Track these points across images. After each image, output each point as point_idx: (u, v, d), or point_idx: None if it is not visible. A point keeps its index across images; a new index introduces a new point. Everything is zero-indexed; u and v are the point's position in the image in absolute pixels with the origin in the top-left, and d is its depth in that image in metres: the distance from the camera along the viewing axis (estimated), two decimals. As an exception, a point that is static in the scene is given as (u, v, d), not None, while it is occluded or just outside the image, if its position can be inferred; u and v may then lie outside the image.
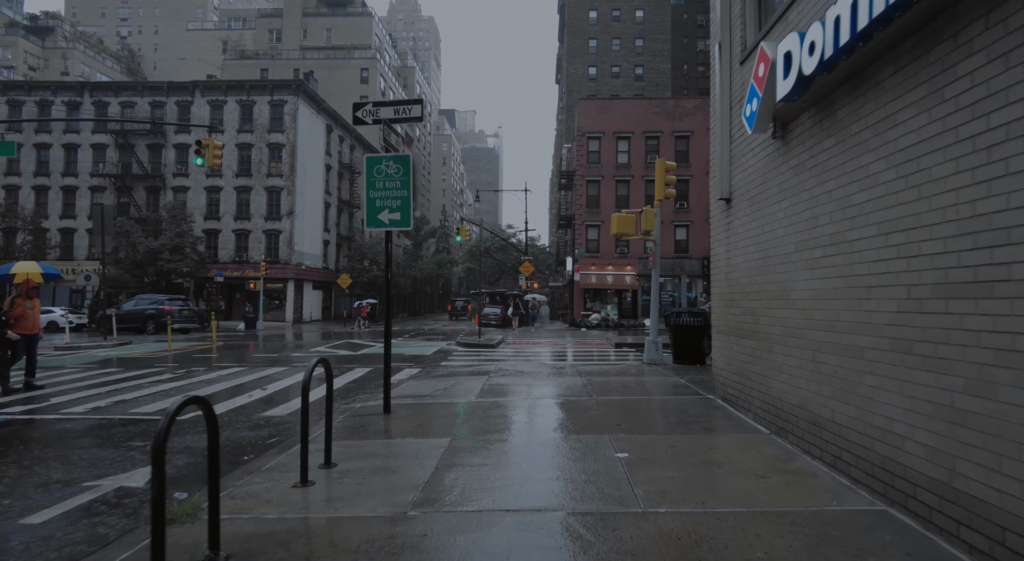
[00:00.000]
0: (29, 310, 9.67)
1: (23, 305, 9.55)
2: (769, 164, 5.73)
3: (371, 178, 7.30)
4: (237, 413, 7.77)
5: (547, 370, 10.92)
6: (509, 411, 7.05)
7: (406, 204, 7.16)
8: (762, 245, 5.91)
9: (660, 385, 8.91)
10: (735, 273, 6.78)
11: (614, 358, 14.30)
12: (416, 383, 9.53)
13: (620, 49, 61.35)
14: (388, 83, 63.94)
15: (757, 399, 6.02)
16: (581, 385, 8.94)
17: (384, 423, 6.57)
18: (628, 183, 38.07)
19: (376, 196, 7.27)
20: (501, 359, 13.93)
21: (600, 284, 37.96)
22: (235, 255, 39.76)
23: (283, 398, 8.91)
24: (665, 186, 11.47)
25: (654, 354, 11.45)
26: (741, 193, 6.56)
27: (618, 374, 10.23)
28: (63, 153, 40.25)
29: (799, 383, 5.03)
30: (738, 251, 6.66)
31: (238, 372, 11.85)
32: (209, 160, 17.68)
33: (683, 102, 39.42)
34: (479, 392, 8.38)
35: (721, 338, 7.31)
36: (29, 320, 9.66)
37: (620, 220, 11.33)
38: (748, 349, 6.30)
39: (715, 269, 7.65)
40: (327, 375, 5.02)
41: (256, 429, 6.86)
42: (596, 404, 7.38)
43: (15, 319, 9.44)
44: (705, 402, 7.37)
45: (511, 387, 8.84)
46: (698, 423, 6.19)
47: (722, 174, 7.03)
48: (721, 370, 7.34)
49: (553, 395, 8.13)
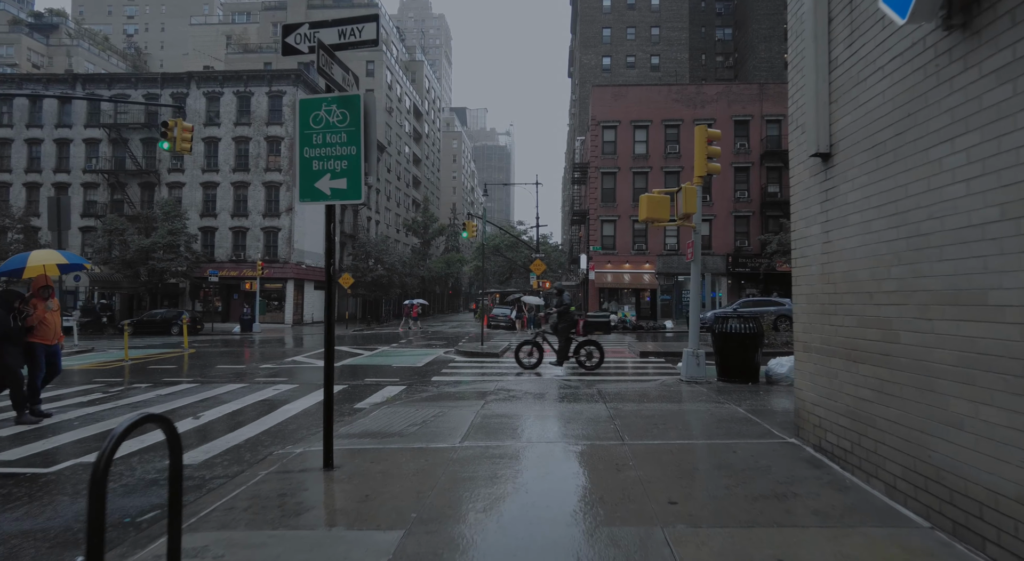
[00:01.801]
0: (50, 313, 7.51)
1: (43, 307, 7.41)
2: (928, 82, 3.45)
3: (306, 130, 5.12)
4: (139, 458, 5.64)
5: (560, 391, 8.67)
6: (505, 468, 4.82)
7: (355, 166, 4.97)
8: (906, 216, 3.64)
9: (713, 418, 6.63)
10: (842, 263, 4.50)
11: (642, 372, 12.02)
12: (389, 411, 7.34)
13: (635, 38, 58.86)
14: (395, 76, 61.97)
15: (894, 463, 3.75)
16: (606, 417, 6.68)
17: (316, 490, 4.39)
18: (646, 175, 35.66)
19: (313, 156, 5.09)
20: (504, 373, 11.70)
21: (616, 283, 35.61)
22: (232, 254, 37.96)
23: (215, 432, 6.77)
24: (707, 159, 9.17)
25: (695, 369, 9.15)
26: (857, 140, 4.27)
27: (653, 399, 7.94)
28: (55, 148, 38.70)
29: (1012, 456, 2.77)
30: (849, 229, 4.38)
31: (185, 390, 9.76)
32: (177, 145, 15.71)
33: (704, 88, 36.94)
34: (467, 430, 6.16)
35: (813, 358, 5.03)
36: (51, 326, 7.51)
37: (651, 202, 9.04)
38: (873, 381, 4.02)
39: (800, 258, 5.36)
40: (171, 450, 2.81)
41: (144, 490, 4.72)
42: (631, 454, 5.13)
43: (35, 325, 7.32)
44: (789, 452, 5.08)
45: (511, 421, 6.61)
46: (798, 499, 3.92)
47: (817, 117, 4.74)
48: (812, 405, 5.06)
49: (568, 436, 5.89)
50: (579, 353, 11.79)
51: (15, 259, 8.13)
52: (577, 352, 11.80)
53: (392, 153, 60.17)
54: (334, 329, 5.03)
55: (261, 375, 11.67)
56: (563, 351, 11.75)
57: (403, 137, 65.52)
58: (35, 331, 7.36)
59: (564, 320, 11.77)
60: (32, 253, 8.08)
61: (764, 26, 61.20)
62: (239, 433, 6.73)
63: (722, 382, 9.25)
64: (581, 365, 11.75)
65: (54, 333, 7.61)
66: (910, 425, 3.58)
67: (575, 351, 11.80)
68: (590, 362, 11.69)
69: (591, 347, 11.75)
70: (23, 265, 7.90)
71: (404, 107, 66.12)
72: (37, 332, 7.38)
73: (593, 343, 11.77)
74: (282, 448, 5.94)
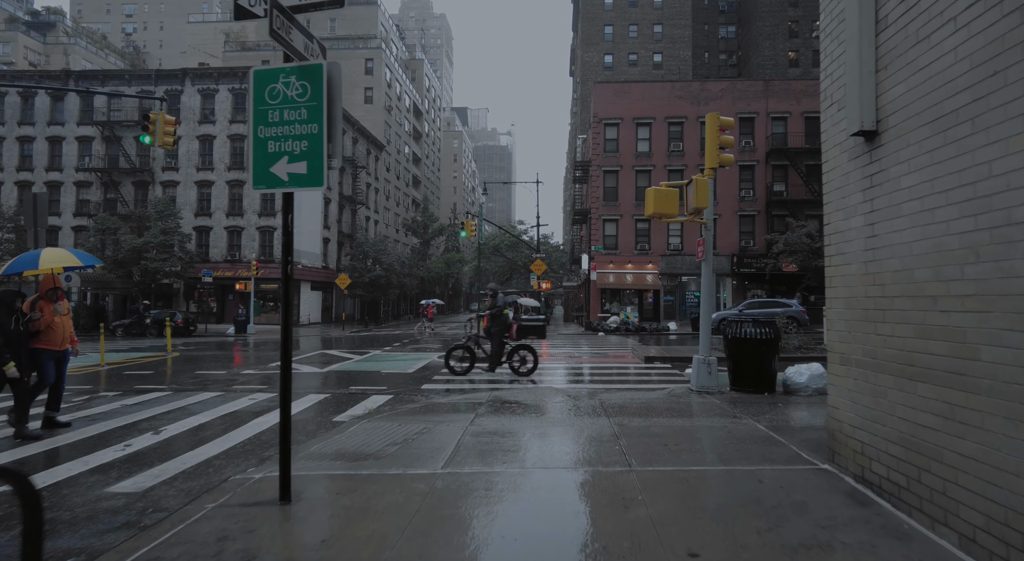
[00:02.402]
0: (60, 317, 6.84)
1: (51, 310, 6.74)
2: (1021, 27, 2.70)
3: (261, 106, 4.39)
4: (78, 482, 4.92)
5: (559, 403, 7.93)
6: (491, 503, 4.09)
7: (316, 147, 4.24)
8: (990, 201, 2.90)
9: (731, 436, 5.88)
10: (893, 260, 3.76)
11: (647, 380, 11.27)
12: (369, 426, 6.61)
13: (637, 35, 58.15)
14: (395, 74, 61.29)
15: (973, 509, 3.00)
16: (610, 435, 5.93)
17: (266, 531, 3.66)
18: (649, 173, 34.90)
19: (269, 135, 4.36)
20: (499, 381, 10.97)
21: (618, 284, 34.86)
22: (227, 253, 37.27)
23: (172, 450, 6.04)
24: (719, 149, 8.43)
25: (706, 378, 8.40)
26: (916, 112, 3.53)
27: (661, 413, 7.20)
28: (47, 147, 38.04)
29: None
30: (904, 220, 3.64)
31: (155, 399, 9.04)
32: (159, 139, 14.98)
33: (708, 85, 36.19)
34: (452, 452, 5.42)
35: (853, 373, 4.28)
36: (59, 331, 6.84)
37: (659, 196, 8.29)
38: (939, 405, 3.28)
39: (835, 256, 4.62)
40: (23, 519, 2.06)
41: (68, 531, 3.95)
42: (640, 483, 4.39)
43: (41, 329, 6.64)
44: (825, 482, 4.33)
45: (503, 441, 5.86)
46: (849, 551, 3.18)
47: (861, 89, 4.00)
48: (852, 427, 4.31)
49: (568, 460, 5.15)
50: (512, 358, 11.26)
51: (24, 259, 7.35)
52: (510, 357, 11.27)
53: (391, 152, 59.50)
54: (291, 338, 4.29)
55: (241, 382, 10.94)
56: (495, 356, 11.25)
57: (402, 136, 64.83)
58: (41, 336, 6.68)
59: (497, 323, 11.24)
60: (43, 252, 7.31)
61: (768, 23, 60.42)
62: (199, 452, 6.01)
63: (735, 392, 8.51)
64: (514, 371, 11.23)
65: (63, 338, 6.92)
66: (997, 464, 2.84)
67: (508, 356, 11.27)
68: (523, 368, 11.20)
69: (525, 352, 11.28)
70: (35, 266, 7.15)
71: (404, 105, 65.44)
72: (44, 337, 6.70)
73: (527, 348, 11.30)
74: (242, 472, 5.22)
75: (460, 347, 11.40)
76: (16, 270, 7.28)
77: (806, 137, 34.52)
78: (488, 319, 11.32)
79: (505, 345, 11.35)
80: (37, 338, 6.67)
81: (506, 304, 11.44)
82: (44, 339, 6.72)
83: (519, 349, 11.30)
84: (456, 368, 11.27)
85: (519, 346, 11.31)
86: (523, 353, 11.31)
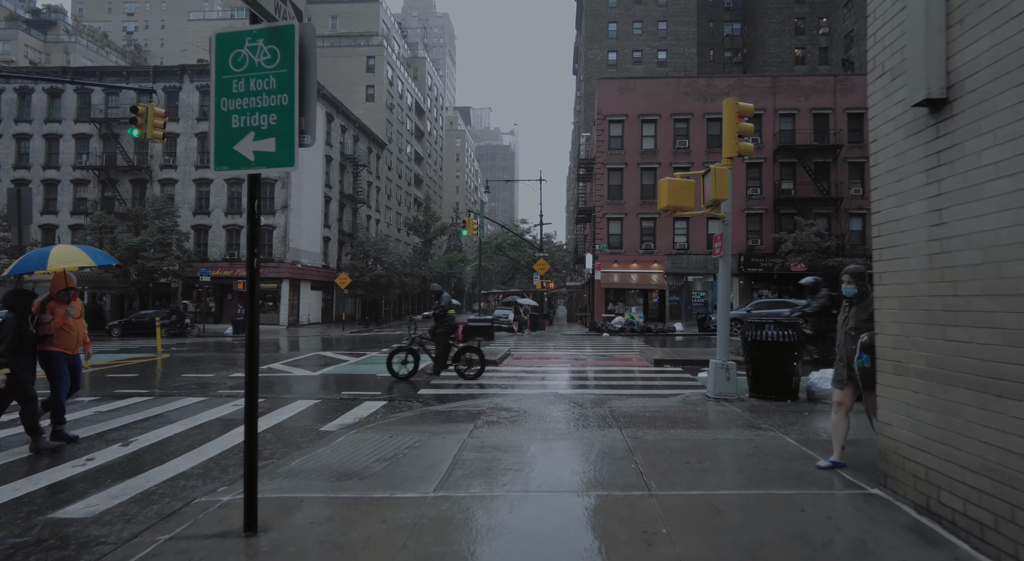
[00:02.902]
0: (72, 319, 6.31)
1: (63, 312, 6.22)
2: None
3: (224, 75, 3.79)
4: (21, 506, 4.33)
5: (565, 411, 7.32)
6: (489, 540, 3.47)
7: (286, 122, 3.65)
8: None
9: (760, 453, 5.25)
10: (970, 253, 3.14)
11: (658, 385, 10.64)
12: (358, 438, 6.00)
13: (642, 33, 57.52)
14: (396, 72, 60.73)
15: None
16: (624, 451, 5.32)
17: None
18: (654, 171, 34.25)
19: (233, 109, 3.76)
20: (501, 386, 10.36)
21: (623, 283, 34.21)
22: (226, 252, 36.73)
23: (138, 465, 5.45)
24: (738, 137, 7.80)
25: (724, 384, 7.77)
26: (1005, 70, 2.91)
27: (678, 423, 6.57)
28: (44, 144, 37.53)
29: None
30: (986, 204, 3.03)
31: (132, 406, 8.45)
32: (148, 132, 14.42)
33: (715, 81, 35.51)
34: (447, 470, 4.82)
35: (913, 385, 3.66)
36: (72, 335, 6.31)
37: (673, 188, 7.66)
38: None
39: (887, 249, 3.99)
40: None
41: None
42: (662, 512, 3.78)
43: (53, 332, 6.12)
44: (880, 512, 3.70)
45: (504, 457, 5.25)
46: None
47: (927, 48, 3.37)
48: (912, 447, 3.69)
49: (578, 482, 4.53)
50: (459, 361, 10.73)
51: (33, 257, 6.73)
52: (457, 360, 10.74)
53: (393, 150, 58.95)
54: (257, 346, 3.67)
55: (228, 386, 10.35)
56: (441, 358, 10.73)
57: (404, 134, 64.27)
58: (53, 339, 6.14)
59: (442, 324, 10.69)
60: (53, 250, 6.69)
61: (774, 21, 59.70)
62: (168, 467, 5.41)
63: (755, 399, 7.88)
64: (461, 374, 10.71)
65: (76, 341, 6.39)
66: None
67: (455, 359, 10.74)
68: (471, 371, 10.71)
69: (472, 354, 10.79)
70: (44, 266, 6.54)
71: (406, 104, 64.88)
72: (56, 340, 6.16)
73: (474, 350, 10.82)
74: (211, 492, 4.63)
75: (403, 350, 10.83)
76: (24, 270, 6.68)
77: (814, 134, 33.84)
78: (434, 320, 10.76)
79: (451, 347, 10.83)
80: (48, 341, 6.13)
81: (451, 304, 10.87)
82: (56, 342, 6.18)
83: (466, 351, 10.79)
84: (398, 372, 10.70)
85: (466, 348, 10.81)
86: (470, 355, 10.79)
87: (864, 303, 4.66)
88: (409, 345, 10.90)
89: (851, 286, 4.76)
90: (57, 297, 6.27)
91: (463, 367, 10.74)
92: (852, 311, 4.73)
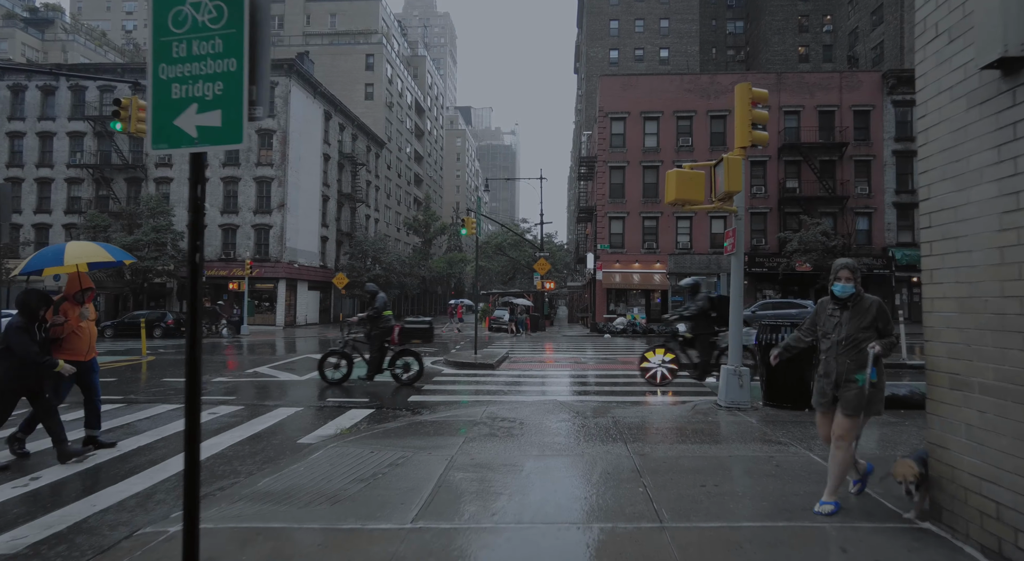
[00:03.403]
0: (84, 323, 5.79)
1: (76, 314, 5.71)
2: None
3: (163, 37, 3.20)
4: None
5: (565, 422, 6.74)
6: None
7: (234, 90, 3.06)
8: None
9: (784, 473, 4.67)
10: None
11: (664, 392, 10.05)
12: (337, 453, 5.43)
13: (643, 30, 57.00)
14: (396, 70, 60.19)
15: None
16: (630, 470, 4.74)
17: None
18: (657, 169, 33.66)
19: (173, 77, 3.17)
20: (496, 392, 9.78)
21: (625, 284, 33.61)
22: (222, 252, 36.18)
23: (91, 485, 4.89)
24: (752, 126, 7.22)
25: (737, 392, 7.19)
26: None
27: (689, 437, 5.98)
28: (38, 142, 37.02)
29: None
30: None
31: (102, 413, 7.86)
32: (132, 125, 13.90)
33: (719, 78, 34.90)
34: (431, 493, 4.24)
35: (976, 402, 3.08)
36: (84, 339, 5.79)
37: (682, 180, 7.08)
38: None
39: (940, 242, 3.41)
40: None
41: None
42: (677, 552, 3.20)
43: (63, 337, 5.63)
44: (942, 557, 3.12)
45: (494, 479, 4.67)
46: None
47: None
48: (977, 478, 3.10)
49: (578, 511, 3.93)
50: (395, 365, 10.22)
51: (46, 254, 6.15)
52: (392, 364, 10.22)
53: (392, 149, 58.40)
54: (198, 353, 3.09)
55: (208, 392, 9.78)
56: (375, 362, 10.19)
57: (404, 133, 63.72)
58: (63, 344, 5.64)
59: (377, 327, 10.12)
60: (68, 246, 6.14)
61: (778, 18, 59.13)
62: (120, 488, 4.84)
63: (770, 408, 7.30)
64: (396, 379, 10.23)
65: (88, 347, 5.85)
66: None
67: (390, 363, 10.22)
68: (406, 375, 10.23)
69: (408, 358, 10.32)
70: (60, 262, 5.97)
71: (405, 102, 64.32)
72: (66, 346, 5.66)
73: (411, 353, 10.36)
74: (160, 520, 4.07)
75: (335, 353, 10.28)
76: (37, 267, 6.11)
77: (820, 132, 33.22)
78: (368, 322, 10.20)
79: (387, 351, 10.28)
80: (58, 347, 5.62)
81: (386, 305, 10.30)
82: (67, 348, 5.66)
83: (402, 354, 10.29)
84: (329, 377, 10.16)
85: (402, 351, 10.32)
86: (407, 359, 10.30)
87: (861, 306, 3.76)
88: (342, 348, 10.32)
89: (850, 284, 3.77)
90: (73, 299, 5.77)
91: (399, 371, 10.22)
92: (845, 315, 3.79)
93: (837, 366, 3.76)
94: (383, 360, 10.23)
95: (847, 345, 3.74)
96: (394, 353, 10.29)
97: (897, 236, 32.60)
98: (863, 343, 3.70)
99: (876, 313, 3.73)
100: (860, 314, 3.75)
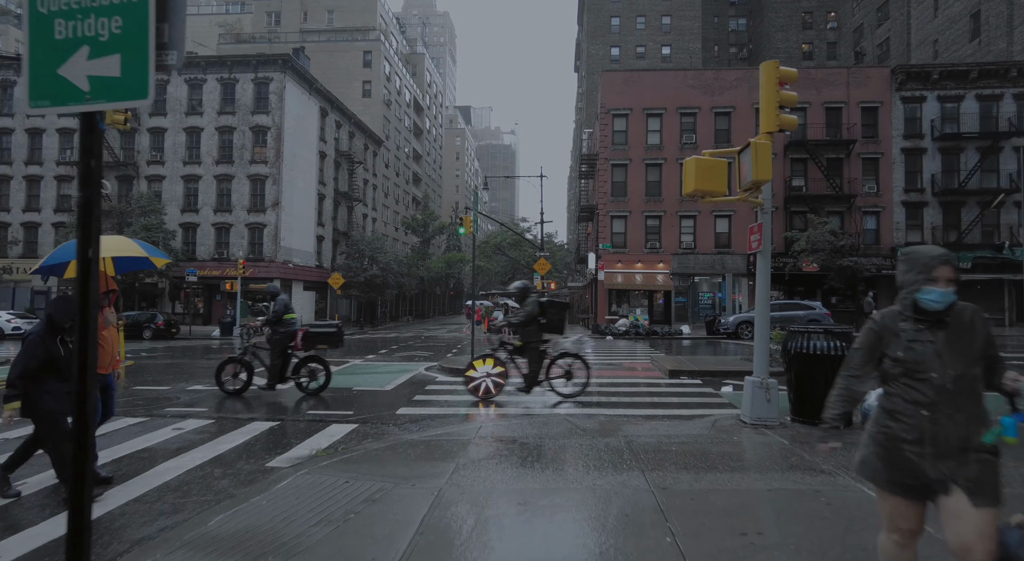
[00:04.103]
0: (108, 329, 5.00)
1: (101, 320, 4.81)
2: None
3: (44, -41, 2.41)
4: None
5: (570, 443, 5.94)
6: None
7: (137, 30, 2.25)
8: None
9: (838, 515, 3.87)
10: None
11: (677, 402, 9.24)
12: (307, 482, 4.64)
13: (645, 27, 56.28)
14: (394, 68, 59.39)
15: None
16: (652, 511, 3.94)
17: None
18: (660, 167, 32.90)
19: (56, 11, 2.38)
20: (494, 403, 8.98)
21: (627, 284, 32.82)
22: (215, 251, 35.39)
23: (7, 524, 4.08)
24: (779, 107, 6.43)
25: (763, 407, 6.39)
26: None
27: (716, 463, 5.18)
28: (27, 139, 36.23)
29: None
30: None
31: (55, 429, 7.06)
32: (108, 116, 13.12)
33: (723, 74, 34.15)
34: (411, 541, 3.44)
35: None
36: (107, 349, 4.98)
37: (701, 168, 6.28)
38: None
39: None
40: None
41: None
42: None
43: None
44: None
45: (491, 515, 3.88)
46: None
47: None
48: None
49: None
50: (299, 373, 9.40)
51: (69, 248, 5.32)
52: (296, 372, 9.40)
53: (391, 148, 57.58)
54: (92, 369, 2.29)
55: (180, 402, 8.98)
56: (275, 371, 9.31)
57: (402, 132, 62.91)
58: None
59: (278, 331, 9.29)
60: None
61: (781, 15, 58.37)
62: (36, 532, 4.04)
63: (800, 424, 6.51)
64: (300, 388, 9.41)
65: (110, 358, 5.06)
66: None
67: (294, 371, 9.40)
68: (312, 384, 9.46)
69: (315, 365, 9.52)
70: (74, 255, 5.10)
71: (404, 100, 63.51)
72: None
73: (317, 360, 9.52)
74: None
75: (233, 361, 9.40)
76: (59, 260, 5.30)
77: (826, 129, 32.42)
78: (269, 327, 9.37)
79: (291, 357, 9.47)
80: None
81: (287, 308, 9.40)
82: None
83: (307, 361, 9.48)
84: (227, 388, 9.30)
85: (308, 358, 9.49)
86: (312, 366, 9.49)
87: (961, 321, 2.33)
88: (241, 355, 9.44)
89: (949, 288, 2.29)
90: None
91: (304, 380, 9.42)
92: (941, 338, 2.31)
93: (950, 425, 2.26)
94: (286, 367, 9.37)
95: (959, 389, 2.27)
96: (299, 360, 9.46)
97: (906, 235, 31.80)
98: (978, 383, 2.31)
99: (985, 330, 2.34)
100: (964, 334, 2.31)
